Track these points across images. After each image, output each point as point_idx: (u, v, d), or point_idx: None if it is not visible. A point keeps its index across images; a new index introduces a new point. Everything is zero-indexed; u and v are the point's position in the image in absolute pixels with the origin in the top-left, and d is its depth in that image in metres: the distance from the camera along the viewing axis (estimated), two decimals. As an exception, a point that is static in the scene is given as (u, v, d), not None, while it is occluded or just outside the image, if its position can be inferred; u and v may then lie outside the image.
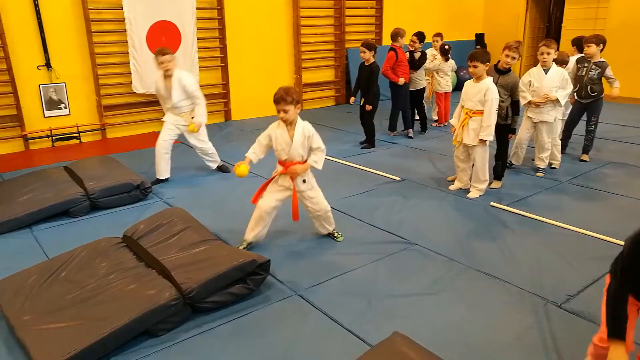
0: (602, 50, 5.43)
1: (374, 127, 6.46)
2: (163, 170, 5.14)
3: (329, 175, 5.28)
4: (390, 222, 4.08)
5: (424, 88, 7.10)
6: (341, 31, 9.14)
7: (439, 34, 7.51)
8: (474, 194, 4.62)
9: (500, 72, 4.64)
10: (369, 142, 6.46)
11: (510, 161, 5.37)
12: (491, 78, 4.43)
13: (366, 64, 6.13)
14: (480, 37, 11.22)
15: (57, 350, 2.39)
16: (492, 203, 4.44)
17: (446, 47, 7.20)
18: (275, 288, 3.14)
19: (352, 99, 6.57)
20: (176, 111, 5.03)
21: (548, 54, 4.84)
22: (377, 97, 6.30)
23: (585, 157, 5.71)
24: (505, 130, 4.66)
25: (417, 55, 6.82)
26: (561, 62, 5.33)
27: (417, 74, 6.84)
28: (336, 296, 3.04)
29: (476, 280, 3.21)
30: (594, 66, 5.37)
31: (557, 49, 5.03)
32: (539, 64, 4.97)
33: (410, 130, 6.90)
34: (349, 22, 9.25)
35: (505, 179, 4.98)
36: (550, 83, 4.89)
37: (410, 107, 6.90)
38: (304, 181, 3.56)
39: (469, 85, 4.50)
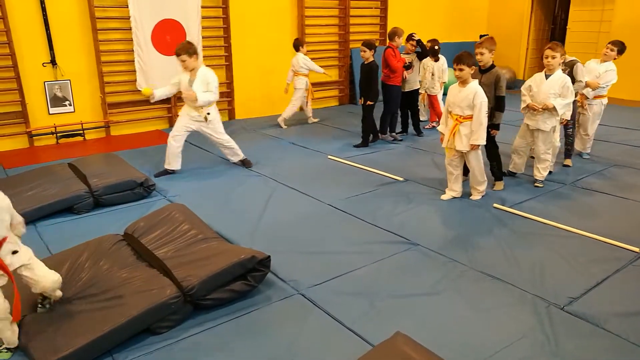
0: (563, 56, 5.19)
1: (375, 125, 6.49)
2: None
3: (333, 175, 5.30)
4: (393, 223, 4.08)
5: (418, 89, 6.97)
6: (345, 31, 9.14)
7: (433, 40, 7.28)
8: (475, 196, 4.60)
9: (482, 71, 4.58)
10: (364, 141, 6.43)
11: (509, 169, 5.18)
12: (476, 81, 4.31)
13: (366, 62, 6.19)
14: (484, 39, 11.18)
15: (57, 347, 2.39)
16: (494, 205, 4.43)
17: (436, 47, 7.04)
18: (277, 287, 3.15)
19: (360, 100, 6.53)
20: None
21: (553, 57, 4.57)
22: (377, 94, 6.31)
23: (568, 161, 5.56)
24: (488, 127, 4.43)
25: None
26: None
27: (413, 75, 6.72)
28: (338, 296, 3.04)
29: (478, 282, 3.21)
30: (563, 67, 5.00)
31: (564, 54, 4.73)
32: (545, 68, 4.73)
33: (393, 134, 6.80)
34: (354, 22, 9.26)
35: (508, 182, 4.98)
36: (549, 89, 4.60)
37: (401, 109, 6.84)
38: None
39: (454, 90, 4.34)
